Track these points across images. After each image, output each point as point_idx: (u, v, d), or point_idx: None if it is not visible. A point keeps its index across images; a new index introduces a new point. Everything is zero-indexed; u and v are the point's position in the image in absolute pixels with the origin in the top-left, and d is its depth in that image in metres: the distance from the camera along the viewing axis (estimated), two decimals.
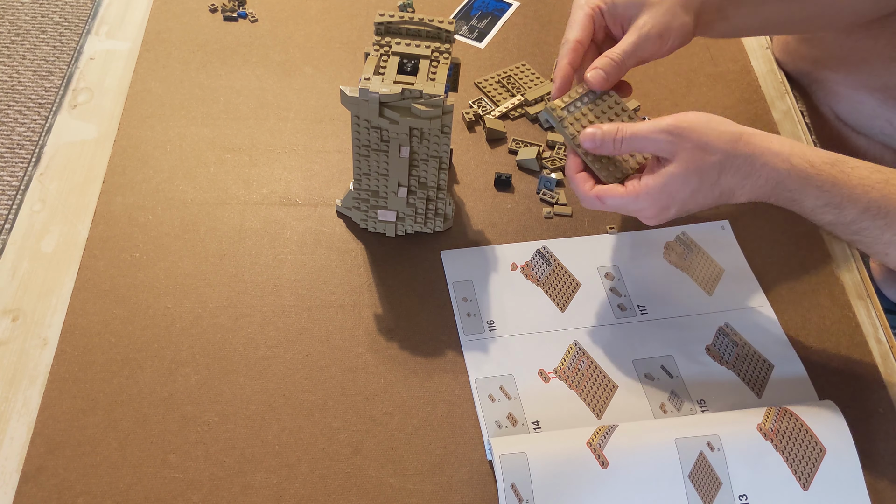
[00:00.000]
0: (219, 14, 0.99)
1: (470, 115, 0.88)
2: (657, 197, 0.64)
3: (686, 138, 0.63)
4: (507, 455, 0.62)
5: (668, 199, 0.64)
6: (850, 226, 0.64)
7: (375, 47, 0.72)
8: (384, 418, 0.68)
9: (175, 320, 0.72)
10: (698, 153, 0.63)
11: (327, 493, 0.64)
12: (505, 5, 1.03)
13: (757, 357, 0.72)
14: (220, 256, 0.77)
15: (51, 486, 0.63)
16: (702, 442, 0.62)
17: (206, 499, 0.63)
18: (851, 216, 0.63)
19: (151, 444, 0.65)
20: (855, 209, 0.63)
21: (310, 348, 0.71)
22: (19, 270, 0.75)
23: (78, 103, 0.88)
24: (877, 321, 0.75)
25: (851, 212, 0.63)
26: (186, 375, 0.69)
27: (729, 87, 0.95)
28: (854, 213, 0.63)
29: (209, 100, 0.90)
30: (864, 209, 0.63)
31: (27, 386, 0.68)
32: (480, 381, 0.70)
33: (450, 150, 0.73)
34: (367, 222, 0.78)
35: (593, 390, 0.70)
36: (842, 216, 0.63)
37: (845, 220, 0.64)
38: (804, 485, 0.62)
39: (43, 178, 0.82)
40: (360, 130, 0.71)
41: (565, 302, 0.75)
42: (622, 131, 0.66)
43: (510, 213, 0.82)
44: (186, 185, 0.82)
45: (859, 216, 0.63)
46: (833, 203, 0.63)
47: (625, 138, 0.66)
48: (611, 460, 0.61)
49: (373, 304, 0.74)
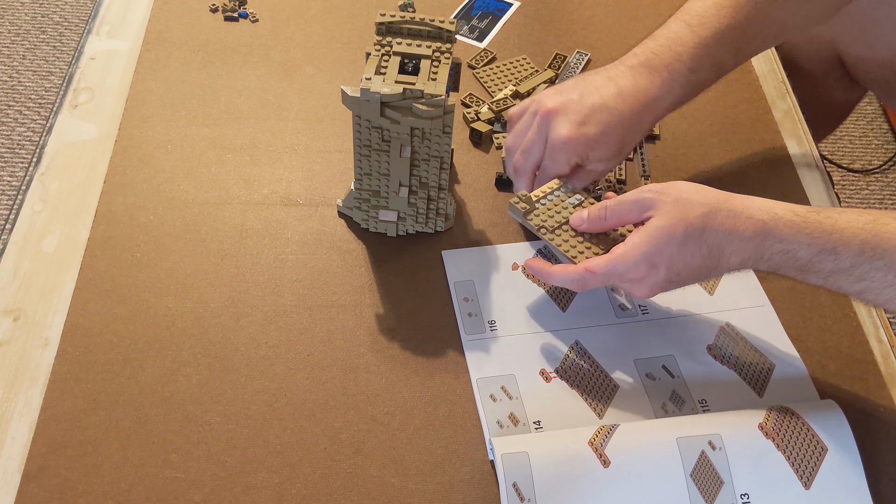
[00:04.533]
0: (219, 14, 0.99)
1: (471, 114, 0.88)
2: (644, 252, 0.63)
3: (669, 194, 0.64)
4: (509, 454, 0.62)
5: (655, 254, 0.63)
6: (851, 272, 0.62)
7: (376, 47, 0.72)
8: (386, 418, 0.68)
9: (176, 320, 0.72)
10: (681, 205, 0.63)
11: (329, 492, 0.64)
12: (505, 5, 1.03)
13: (758, 357, 0.72)
14: (221, 256, 0.77)
15: (52, 485, 0.63)
16: (703, 441, 0.62)
17: (207, 499, 0.63)
18: (849, 260, 0.61)
19: (153, 444, 0.65)
20: (850, 252, 0.61)
21: (311, 348, 0.71)
22: (20, 270, 0.75)
23: (79, 103, 0.88)
24: (877, 321, 0.75)
25: (847, 256, 0.61)
26: (188, 375, 0.69)
27: (729, 86, 0.95)
28: (851, 257, 0.61)
29: (210, 100, 0.90)
30: (860, 251, 0.61)
31: (29, 386, 0.68)
32: (482, 381, 0.70)
33: (451, 150, 0.73)
34: (369, 222, 0.78)
35: (595, 390, 0.70)
36: (840, 262, 0.62)
37: (845, 266, 0.62)
38: (806, 484, 0.62)
39: (44, 178, 0.82)
40: (361, 130, 0.71)
41: (566, 302, 0.75)
42: (607, 204, 0.67)
43: None
44: (187, 185, 0.82)
45: (857, 259, 0.61)
46: (827, 249, 0.62)
47: (609, 206, 0.67)
48: (612, 460, 0.61)
49: (374, 303, 0.74)
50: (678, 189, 0.64)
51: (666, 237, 0.63)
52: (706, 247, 0.63)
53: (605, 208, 0.68)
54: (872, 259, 0.61)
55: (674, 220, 0.63)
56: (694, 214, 0.63)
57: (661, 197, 0.64)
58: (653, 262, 0.63)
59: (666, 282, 0.64)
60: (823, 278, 0.63)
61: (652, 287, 0.65)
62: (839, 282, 0.63)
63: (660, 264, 0.63)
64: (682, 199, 0.63)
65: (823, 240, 0.62)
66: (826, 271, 0.62)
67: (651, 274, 0.64)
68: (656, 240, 0.63)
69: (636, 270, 0.64)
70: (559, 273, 0.67)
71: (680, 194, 0.64)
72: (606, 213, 0.68)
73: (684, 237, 0.63)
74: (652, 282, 0.65)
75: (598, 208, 0.68)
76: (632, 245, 0.64)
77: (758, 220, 0.62)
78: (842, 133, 1.95)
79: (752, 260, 0.64)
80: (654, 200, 0.64)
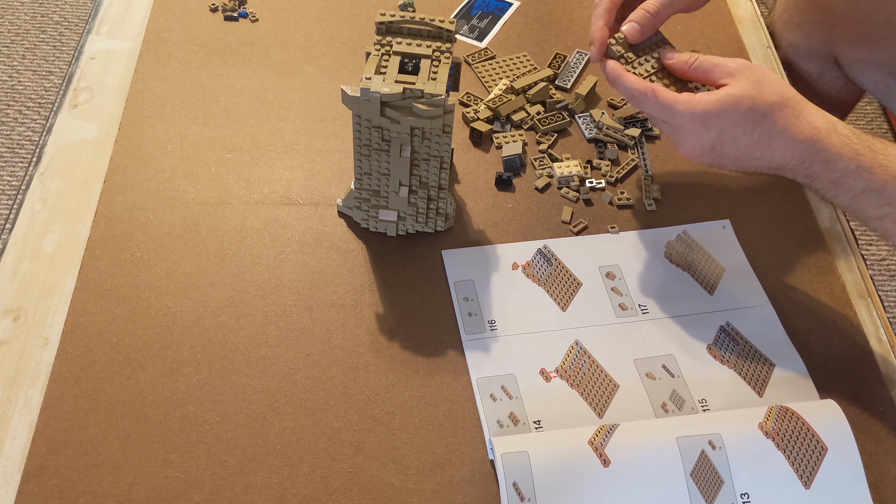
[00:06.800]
0: (219, 14, 0.99)
1: (470, 114, 0.88)
2: (705, 109, 0.66)
3: (753, 71, 0.67)
4: (509, 454, 0.62)
5: (713, 117, 0.66)
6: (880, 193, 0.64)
7: (376, 47, 0.72)
8: (386, 418, 0.68)
9: (176, 320, 0.72)
10: (758, 85, 0.66)
11: (329, 492, 0.64)
12: (505, 5, 1.03)
13: (758, 356, 0.72)
14: (221, 256, 0.77)
15: (52, 485, 0.63)
16: (703, 441, 0.62)
17: (207, 498, 0.63)
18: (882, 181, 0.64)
19: (153, 444, 0.65)
20: (886, 175, 0.64)
21: (311, 348, 0.71)
22: (20, 270, 0.75)
23: (78, 103, 0.88)
24: (878, 320, 0.75)
25: (883, 176, 0.64)
26: (188, 375, 0.69)
27: None
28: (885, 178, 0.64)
29: (210, 99, 0.90)
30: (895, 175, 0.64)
31: (28, 385, 0.68)
32: (482, 381, 0.70)
33: (451, 150, 0.73)
34: (369, 222, 0.78)
35: (595, 389, 0.70)
36: (874, 181, 0.64)
37: (876, 186, 0.64)
38: (806, 483, 0.62)
39: (44, 178, 0.82)
40: (361, 130, 0.71)
41: (566, 301, 0.75)
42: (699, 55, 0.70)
43: (511, 212, 0.82)
44: (187, 185, 0.82)
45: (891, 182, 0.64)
46: (865, 167, 0.64)
47: (700, 57, 0.70)
48: (612, 459, 0.61)
49: (374, 303, 0.74)
50: (763, 72, 0.67)
51: (730, 106, 0.66)
52: (759, 131, 0.66)
53: (697, 57, 0.70)
54: None
55: (745, 93, 0.66)
56: (764, 98, 0.66)
57: (744, 70, 0.67)
58: (707, 123, 0.66)
59: (710, 148, 0.67)
60: (852, 197, 0.66)
61: (694, 145, 0.68)
62: (865, 202, 0.65)
63: (713, 127, 0.66)
64: (761, 81, 0.66)
65: (866, 157, 0.65)
66: (857, 189, 0.65)
67: (700, 131, 0.67)
68: (721, 104, 0.66)
69: (691, 121, 0.67)
70: (629, 79, 0.70)
71: (762, 76, 0.67)
72: (695, 61, 0.70)
73: (745, 113, 0.65)
74: (697, 140, 0.67)
75: (690, 53, 0.71)
76: (698, 99, 0.67)
77: (814, 127, 0.65)
78: None
79: (794, 162, 0.67)
80: (737, 71, 0.67)
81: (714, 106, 0.66)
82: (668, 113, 0.68)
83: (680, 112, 0.67)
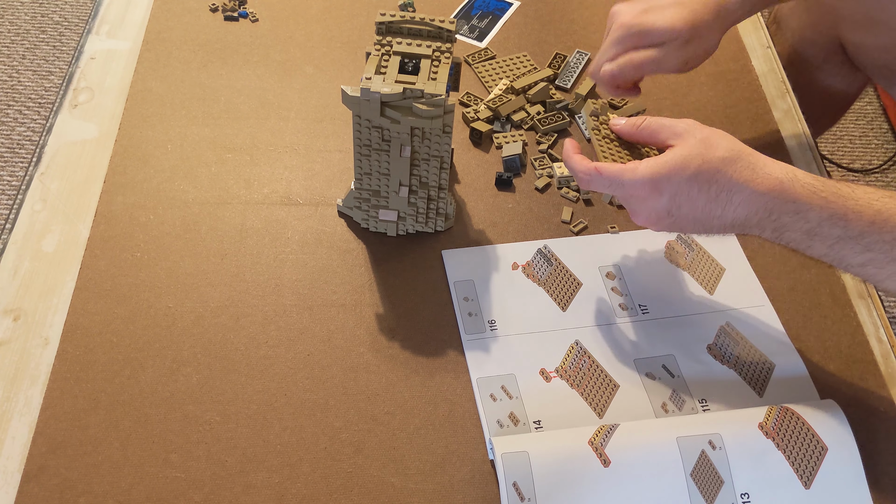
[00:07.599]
0: (219, 14, 0.99)
1: (470, 114, 0.88)
2: (653, 172, 0.63)
3: (701, 131, 0.65)
4: (509, 454, 0.62)
5: (663, 179, 0.63)
6: (859, 241, 0.61)
7: (377, 47, 0.72)
8: (386, 418, 0.68)
9: (176, 320, 0.72)
10: (705, 144, 0.64)
11: (329, 492, 0.64)
12: (505, 5, 1.03)
13: (758, 356, 0.72)
14: (221, 256, 0.77)
15: (52, 485, 0.63)
16: (703, 441, 0.62)
17: (207, 498, 0.63)
18: (859, 228, 0.61)
19: (153, 444, 0.65)
20: (861, 221, 0.61)
21: (311, 348, 0.71)
22: (20, 270, 0.75)
23: (79, 103, 0.88)
24: (878, 320, 0.75)
25: (858, 224, 0.61)
26: (188, 375, 0.69)
27: (729, 86, 0.95)
28: (861, 225, 0.61)
29: (210, 99, 0.90)
30: (871, 221, 0.61)
31: (28, 385, 0.68)
32: (482, 381, 0.70)
33: (451, 150, 0.73)
34: (369, 222, 0.78)
35: (595, 390, 0.70)
36: (850, 229, 0.61)
37: (854, 234, 0.61)
38: (806, 483, 0.62)
39: (44, 178, 0.82)
40: (361, 130, 0.71)
41: (566, 301, 0.75)
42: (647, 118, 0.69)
43: (511, 212, 0.82)
44: (187, 185, 0.82)
45: (867, 228, 0.61)
46: (838, 214, 0.61)
47: (647, 119, 0.68)
48: (612, 459, 0.61)
49: (374, 303, 0.74)
50: (711, 131, 0.65)
51: (679, 166, 0.63)
52: (715, 188, 0.63)
53: (644, 119, 0.69)
54: (882, 231, 0.61)
55: (692, 153, 0.63)
56: (713, 155, 0.63)
57: (691, 130, 0.65)
58: (658, 186, 0.64)
59: (666, 213, 0.64)
60: (829, 246, 0.62)
61: (650, 212, 0.65)
62: (844, 251, 0.62)
63: (665, 191, 0.64)
64: (709, 138, 0.64)
65: (837, 205, 0.61)
66: (833, 238, 0.62)
67: (653, 197, 0.64)
68: (669, 166, 0.63)
69: (641, 188, 0.64)
70: (576, 162, 0.68)
71: (710, 134, 0.65)
72: (643, 122, 0.69)
73: (696, 172, 0.63)
74: (651, 206, 0.65)
75: (638, 117, 0.69)
76: (644, 164, 0.64)
77: (775, 178, 0.62)
78: (842, 133, 1.95)
79: (759, 216, 0.63)
80: (684, 131, 0.65)
81: (663, 168, 0.63)
82: (617, 186, 0.66)
83: (628, 182, 0.64)
